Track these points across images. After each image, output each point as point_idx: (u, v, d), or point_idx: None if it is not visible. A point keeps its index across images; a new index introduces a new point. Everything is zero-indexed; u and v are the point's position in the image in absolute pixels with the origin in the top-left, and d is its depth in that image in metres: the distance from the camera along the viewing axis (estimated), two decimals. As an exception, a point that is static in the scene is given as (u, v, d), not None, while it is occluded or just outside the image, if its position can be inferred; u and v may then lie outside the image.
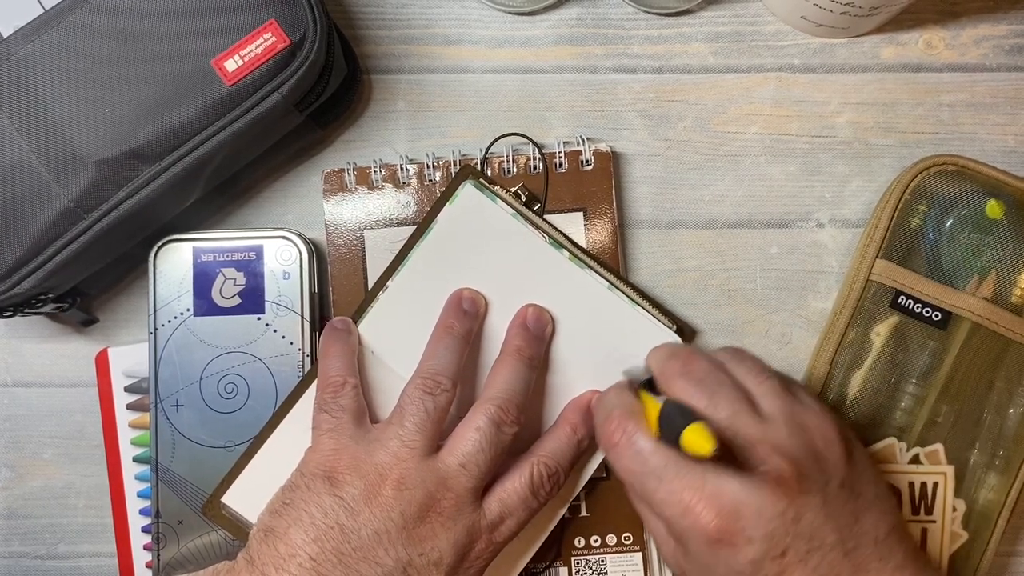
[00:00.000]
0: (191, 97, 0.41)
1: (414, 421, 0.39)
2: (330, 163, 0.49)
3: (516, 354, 0.42)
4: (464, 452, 0.39)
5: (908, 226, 0.45)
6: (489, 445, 0.39)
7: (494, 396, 0.40)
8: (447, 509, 0.38)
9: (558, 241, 0.45)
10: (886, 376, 0.45)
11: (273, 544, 0.37)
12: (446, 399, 0.40)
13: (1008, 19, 0.49)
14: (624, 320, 0.44)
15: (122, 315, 0.49)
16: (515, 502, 0.39)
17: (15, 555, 0.48)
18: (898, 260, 0.45)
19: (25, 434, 0.49)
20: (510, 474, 0.40)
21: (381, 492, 0.38)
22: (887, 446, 0.45)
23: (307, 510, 0.38)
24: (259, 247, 0.46)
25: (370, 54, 0.49)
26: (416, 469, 0.38)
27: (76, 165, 0.40)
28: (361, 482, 0.38)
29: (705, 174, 0.49)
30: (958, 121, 0.49)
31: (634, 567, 0.46)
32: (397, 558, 0.37)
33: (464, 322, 0.42)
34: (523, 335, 0.43)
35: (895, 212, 0.45)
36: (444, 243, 0.44)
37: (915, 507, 0.45)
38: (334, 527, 0.37)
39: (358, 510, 0.37)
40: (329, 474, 0.38)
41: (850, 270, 0.47)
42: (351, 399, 0.41)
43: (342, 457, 0.39)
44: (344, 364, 0.42)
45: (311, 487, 0.38)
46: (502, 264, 0.44)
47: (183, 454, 0.45)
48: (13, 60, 0.41)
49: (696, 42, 0.49)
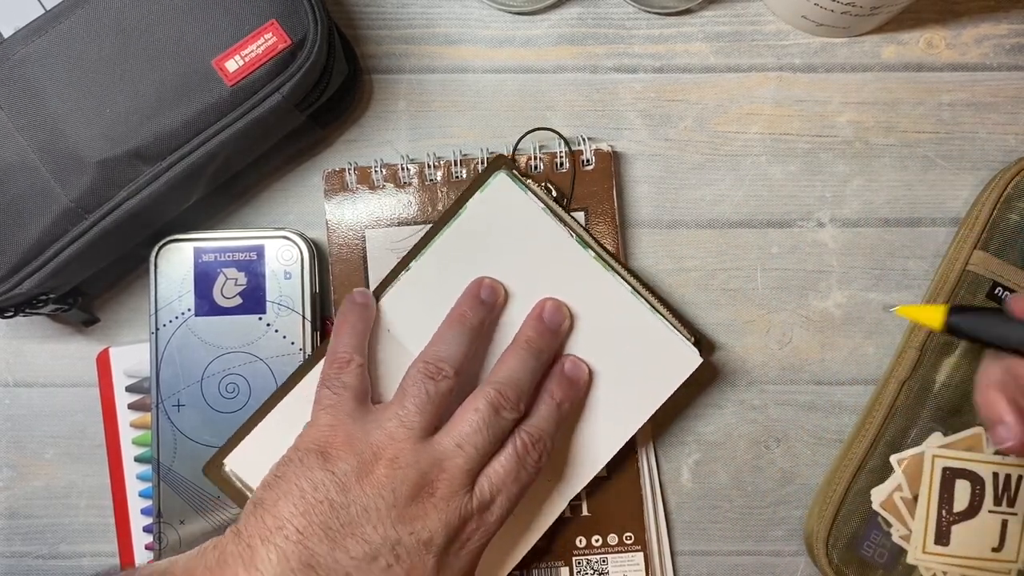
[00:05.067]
0: (192, 97, 0.41)
1: (414, 403, 0.39)
2: (331, 163, 0.49)
3: (525, 344, 0.42)
4: (461, 433, 0.39)
5: (1007, 221, 0.46)
6: (486, 427, 0.39)
7: (495, 381, 0.40)
8: (440, 490, 0.38)
9: (585, 240, 0.44)
10: (976, 365, 0.45)
11: (261, 516, 0.37)
12: (447, 386, 0.40)
13: (1009, 18, 0.49)
14: (642, 327, 0.44)
15: (123, 315, 0.49)
16: (502, 476, 0.39)
17: (17, 555, 0.48)
18: (995, 252, 0.46)
19: (27, 434, 0.49)
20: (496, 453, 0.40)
21: (374, 470, 0.38)
22: (973, 435, 0.45)
23: (297, 483, 0.37)
24: (260, 247, 0.46)
25: (371, 54, 0.49)
26: (412, 449, 0.38)
27: (77, 165, 0.41)
28: (354, 459, 0.38)
29: (706, 174, 0.49)
30: (959, 120, 0.49)
31: (635, 567, 0.46)
32: (385, 536, 0.37)
33: (478, 312, 0.42)
34: (537, 327, 0.43)
35: (995, 206, 0.46)
36: (471, 230, 0.44)
37: (997, 498, 0.45)
38: (323, 501, 0.37)
39: (349, 486, 0.37)
40: (323, 449, 0.38)
41: (944, 260, 0.47)
42: (355, 377, 0.41)
43: (338, 433, 0.39)
44: (354, 341, 0.42)
45: (304, 461, 0.38)
46: (527, 256, 0.44)
47: (184, 454, 0.45)
48: (14, 60, 0.41)
49: (697, 42, 0.49)
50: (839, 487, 0.46)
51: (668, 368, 0.44)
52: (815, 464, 0.48)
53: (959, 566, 0.45)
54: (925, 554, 0.45)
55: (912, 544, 0.45)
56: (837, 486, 0.46)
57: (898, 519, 0.45)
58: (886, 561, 0.45)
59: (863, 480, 0.46)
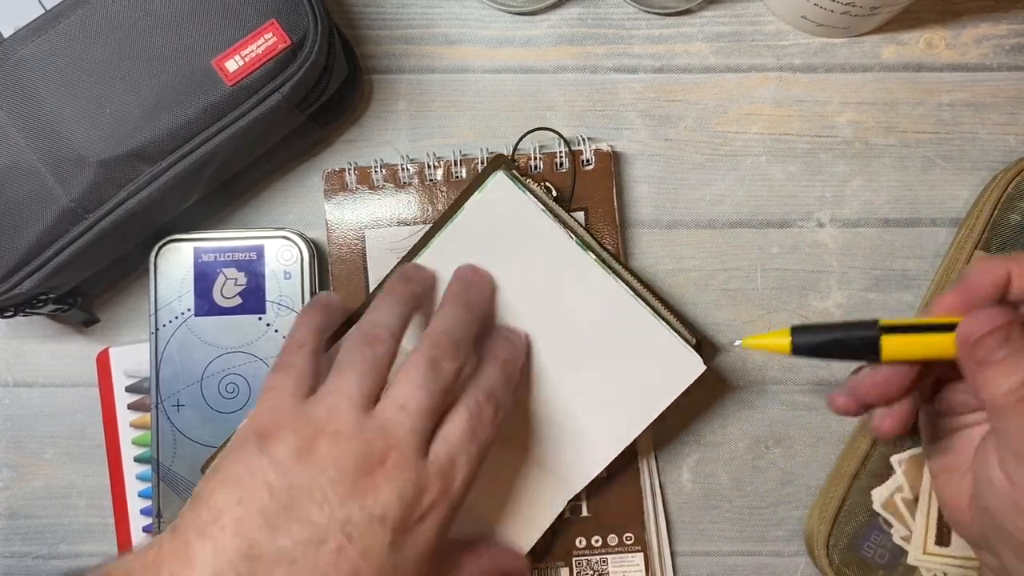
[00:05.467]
0: (192, 97, 0.41)
1: (352, 371, 0.37)
2: (331, 163, 0.49)
3: (452, 298, 0.41)
4: (401, 394, 0.36)
5: (1008, 221, 0.46)
6: (428, 381, 0.37)
7: (427, 335, 0.38)
8: (389, 459, 0.35)
9: (585, 242, 0.44)
10: None
11: (197, 509, 0.35)
12: (385, 349, 0.38)
13: (1008, 19, 0.49)
14: (644, 331, 0.43)
15: (123, 315, 0.49)
16: (458, 437, 0.37)
17: (16, 555, 0.48)
18: (996, 252, 0.46)
19: (26, 434, 0.49)
20: (450, 413, 0.38)
21: (315, 447, 0.35)
22: None
23: (233, 471, 0.35)
24: (260, 247, 0.46)
25: (371, 54, 0.49)
26: (353, 420, 0.36)
27: (77, 165, 0.41)
28: (294, 437, 0.35)
29: (706, 174, 0.49)
30: (959, 121, 0.49)
31: (635, 567, 0.46)
32: (332, 515, 0.34)
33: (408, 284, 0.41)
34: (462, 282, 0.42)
35: (996, 206, 0.46)
36: (469, 230, 0.44)
37: None
38: (261, 486, 0.35)
39: (288, 467, 0.35)
40: (261, 433, 0.36)
41: (945, 260, 0.47)
42: (302, 360, 0.38)
43: (278, 416, 0.36)
44: (308, 331, 0.40)
45: (242, 448, 0.36)
46: (526, 258, 0.44)
47: (184, 454, 0.45)
48: (13, 60, 0.41)
49: (697, 42, 0.49)
50: (840, 487, 0.46)
51: (670, 374, 0.43)
52: (815, 464, 0.48)
53: (960, 567, 0.45)
54: (926, 555, 0.45)
55: (913, 545, 0.45)
56: (838, 486, 0.46)
57: (899, 520, 0.45)
58: (887, 562, 0.45)
59: (864, 480, 0.46)
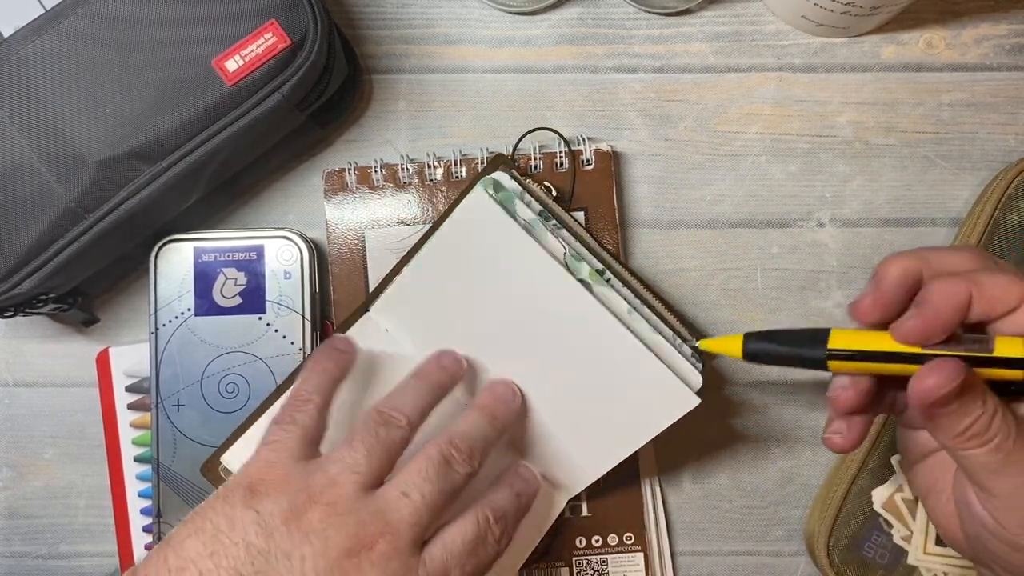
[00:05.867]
0: (192, 97, 0.41)
1: (363, 447, 0.35)
2: (331, 163, 0.49)
3: (480, 407, 0.39)
4: (407, 481, 0.35)
5: (1008, 221, 0.46)
6: (436, 476, 0.35)
7: (447, 433, 0.37)
8: (380, 544, 0.33)
9: (578, 253, 0.42)
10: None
11: (164, 555, 0.33)
12: (400, 435, 0.36)
13: (1008, 19, 0.49)
14: (633, 361, 0.41)
15: (123, 315, 0.49)
16: (460, 547, 0.35)
17: (16, 555, 0.48)
18: (996, 253, 0.45)
19: (26, 434, 0.49)
20: (454, 520, 0.36)
21: (306, 515, 0.33)
22: None
23: (213, 520, 0.33)
24: (260, 247, 0.46)
25: (371, 54, 0.49)
26: (352, 495, 0.34)
27: (77, 165, 0.41)
28: (285, 499, 0.33)
29: (706, 174, 0.49)
30: (959, 121, 0.49)
31: (635, 567, 0.46)
32: None
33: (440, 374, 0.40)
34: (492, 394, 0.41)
35: (997, 206, 0.46)
36: (448, 249, 0.43)
37: None
38: (238, 543, 0.32)
39: (273, 529, 0.33)
40: (252, 485, 0.34)
41: None
42: (308, 416, 0.37)
43: (274, 471, 0.35)
44: (319, 382, 0.38)
45: (228, 497, 0.34)
46: (508, 280, 0.42)
47: (184, 454, 0.45)
48: (14, 60, 0.41)
49: (697, 42, 0.49)
50: (840, 487, 0.46)
51: (660, 405, 0.41)
52: (815, 464, 0.48)
53: (960, 567, 0.45)
54: (926, 555, 0.45)
55: (913, 545, 0.45)
56: (838, 486, 0.46)
57: (899, 520, 0.45)
58: (887, 562, 0.45)
59: (864, 480, 0.46)
